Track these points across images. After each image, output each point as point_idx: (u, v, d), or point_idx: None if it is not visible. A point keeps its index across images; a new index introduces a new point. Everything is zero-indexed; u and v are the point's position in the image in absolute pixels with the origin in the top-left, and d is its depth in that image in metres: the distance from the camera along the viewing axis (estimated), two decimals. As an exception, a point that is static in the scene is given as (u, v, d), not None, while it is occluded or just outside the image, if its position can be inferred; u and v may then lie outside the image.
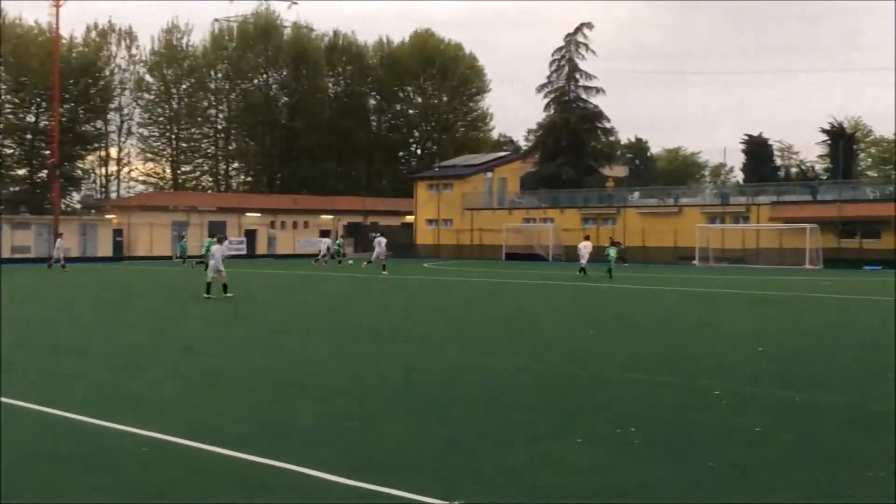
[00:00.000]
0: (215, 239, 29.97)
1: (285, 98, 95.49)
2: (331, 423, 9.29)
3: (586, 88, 80.00)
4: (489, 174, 76.13)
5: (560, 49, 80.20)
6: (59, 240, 47.13)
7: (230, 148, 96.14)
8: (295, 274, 44.02)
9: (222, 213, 73.75)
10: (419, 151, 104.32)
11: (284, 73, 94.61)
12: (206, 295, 25.86)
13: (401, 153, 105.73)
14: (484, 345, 15.94)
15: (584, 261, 40.74)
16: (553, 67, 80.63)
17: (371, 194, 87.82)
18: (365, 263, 45.46)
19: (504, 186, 76.29)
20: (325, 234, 72.10)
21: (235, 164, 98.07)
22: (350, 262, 53.34)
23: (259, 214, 75.66)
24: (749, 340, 16.50)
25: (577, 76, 79.91)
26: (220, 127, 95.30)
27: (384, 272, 40.83)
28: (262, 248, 74.41)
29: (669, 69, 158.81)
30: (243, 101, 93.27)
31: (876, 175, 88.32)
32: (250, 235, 73.84)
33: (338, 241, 57.79)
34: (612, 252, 40.14)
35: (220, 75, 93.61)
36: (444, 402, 10.46)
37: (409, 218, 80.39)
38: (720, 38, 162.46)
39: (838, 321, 20.95)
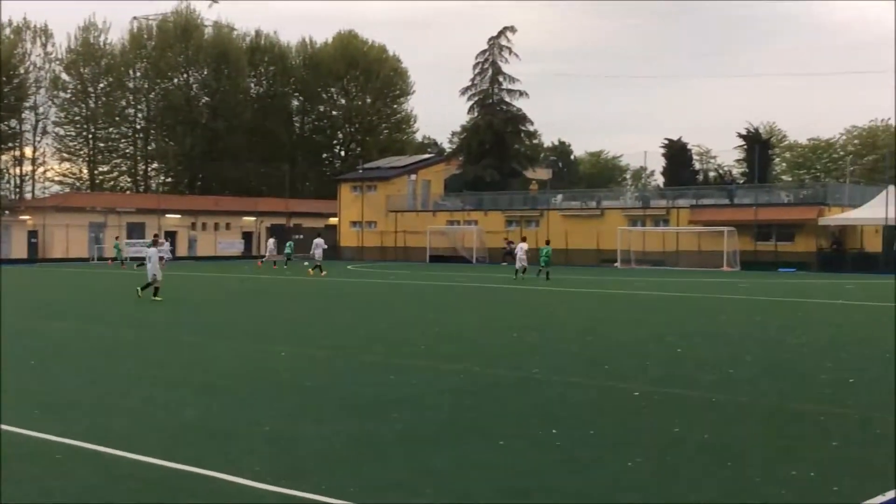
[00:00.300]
0: (150, 241, 29.52)
1: (206, 98, 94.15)
2: (248, 428, 9.16)
3: (510, 91, 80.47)
4: (413, 176, 76.11)
5: (483, 52, 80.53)
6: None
7: (149, 148, 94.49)
8: (235, 277, 43.39)
9: (141, 215, 72.46)
10: (343, 153, 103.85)
11: (205, 73, 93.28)
12: (153, 297, 25.80)
13: (324, 155, 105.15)
14: (408, 348, 15.88)
15: (520, 263, 41.37)
16: (476, 70, 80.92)
17: (294, 196, 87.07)
18: (311, 270, 43.99)
19: (428, 189, 76.35)
20: (274, 234, 70.57)
21: (155, 165, 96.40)
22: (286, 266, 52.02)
23: (179, 216, 74.47)
24: (669, 342, 16.74)
25: (501, 79, 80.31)
26: (138, 127, 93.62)
27: (322, 273, 41.77)
28: (182, 249, 73.25)
29: (592, 72, 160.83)
30: (163, 101, 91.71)
31: (790, 179, 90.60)
32: (171, 237, 72.61)
33: (289, 244, 55.61)
34: (547, 252, 41.07)
35: (138, 74, 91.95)
36: (367, 405, 10.41)
37: (333, 220, 79.93)
38: (642, 41, 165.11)
39: (753, 322, 21.39)
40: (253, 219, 77.88)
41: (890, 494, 6.94)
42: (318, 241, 44.07)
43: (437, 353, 14.97)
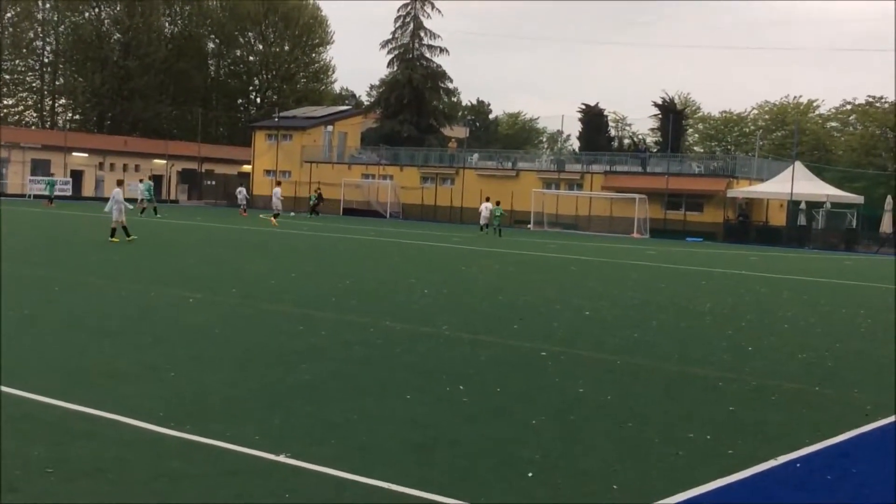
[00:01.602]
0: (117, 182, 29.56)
1: (118, 35, 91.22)
2: (152, 373, 9.01)
3: (430, 47, 80.00)
4: (330, 127, 75.33)
5: (406, 5, 79.78)
6: None
7: (57, 83, 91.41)
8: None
9: (47, 152, 70.22)
10: (259, 100, 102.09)
11: (118, 9, 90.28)
12: (110, 238, 26.06)
13: (239, 100, 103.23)
14: (318, 299, 15.79)
15: (484, 221, 45.74)
16: (398, 24, 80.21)
17: (207, 140, 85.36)
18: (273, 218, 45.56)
19: (344, 141, 75.67)
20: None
21: (63, 101, 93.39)
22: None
23: (87, 155, 72.38)
24: (576, 304, 16.99)
25: (422, 34, 79.78)
26: (46, 60, 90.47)
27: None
28: (89, 189, 71.33)
29: (513, 34, 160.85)
30: (73, 35, 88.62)
31: (701, 151, 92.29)
32: (77, 176, 70.63)
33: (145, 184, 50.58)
34: (499, 211, 45.25)
35: (48, 6, 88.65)
36: (274, 354, 10.33)
37: (246, 167, 78.70)
38: (568, 6, 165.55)
39: (658, 288, 21.82)
40: (164, 162, 76.16)
41: (782, 459, 7.17)
42: (242, 189, 45.54)
43: (346, 306, 14.91)
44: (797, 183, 52.57)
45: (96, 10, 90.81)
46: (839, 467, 7.14)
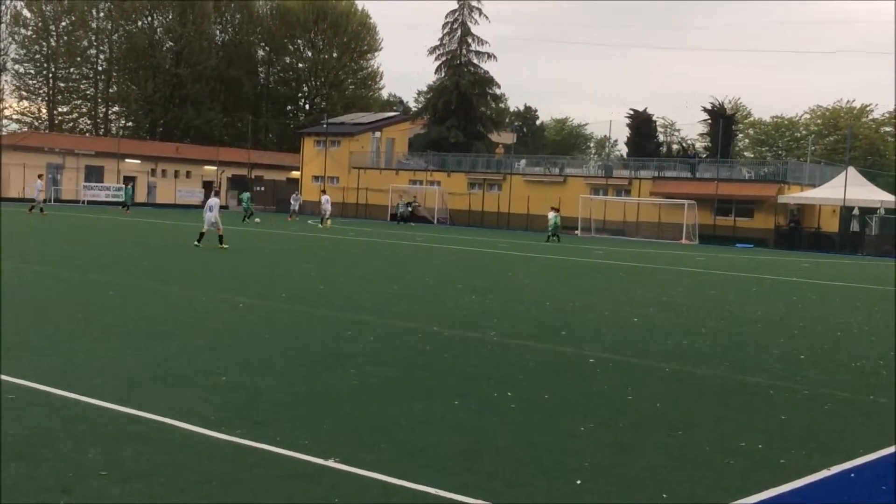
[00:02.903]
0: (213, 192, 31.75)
1: (170, 43, 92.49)
2: (203, 377, 9.11)
3: (478, 53, 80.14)
4: (378, 134, 75.68)
5: (453, 12, 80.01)
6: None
7: (111, 91, 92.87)
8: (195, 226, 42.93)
9: (100, 158, 71.36)
10: (307, 107, 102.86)
11: (170, 17, 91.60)
12: (196, 243, 27.02)
13: (289, 107, 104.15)
14: (367, 304, 15.84)
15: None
16: (446, 30, 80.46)
17: (256, 147, 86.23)
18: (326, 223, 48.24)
19: (392, 147, 75.99)
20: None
21: (116, 108, 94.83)
22: (258, 220, 51.48)
23: (139, 161, 73.47)
24: (625, 311, 16.88)
25: (470, 40, 79.93)
26: (100, 68, 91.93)
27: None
28: (141, 196, 72.35)
29: (561, 39, 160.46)
30: (126, 43, 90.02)
31: (752, 156, 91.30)
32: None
33: (243, 196, 55.01)
34: (555, 219, 46.14)
35: (102, 14, 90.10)
36: (323, 359, 10.39)
37: (295, 173, 79.33)
38: (615, 10, 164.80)
39: (708, 295, 21.60)
40: (214, 168, 77.05)
41: (835, 469, 7.07)
42: (326, 196, 50.70)
43: (395, 311, 14.96)
44: (850, 188, 51.76)
45: (149, 18, 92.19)
46: (893, 477, 7.01)
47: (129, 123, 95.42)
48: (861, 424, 8.72)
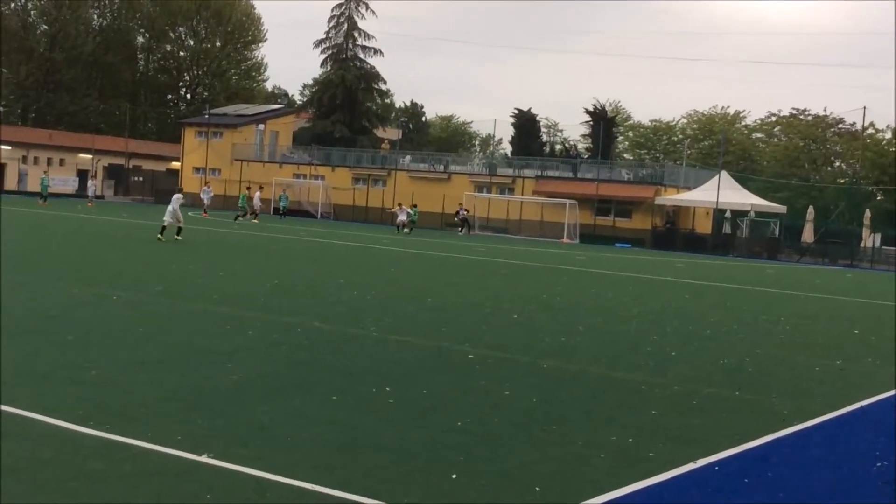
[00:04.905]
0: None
1: (45, 26, 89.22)
2: (73, 372, 8.83)
3: (364, 48, 79.82)
4: (261, 126, 74.63)
5: (340, 5, 79.48)
6: None
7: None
8: (67, 216, 41.44)
9: (-33, 144, 68.32)
10: (189, 96, 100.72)
11: (45, 0, 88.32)
12: (158, 236, 27.99)
13: (169, 96, 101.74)
14: (246, 299, 15.62)
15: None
16: (332, 24, 79.86)
17: (135, 136, 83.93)
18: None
19: (276, 140, 75.03)
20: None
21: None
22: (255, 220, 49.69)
23: (10, 147, 70.58)
24: (505, 308, 17.08)
25: (356, 35, 79.55)
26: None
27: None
28: (11, 183, 69.58)
29: (447, 38, 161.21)
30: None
31: (631, 158, 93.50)
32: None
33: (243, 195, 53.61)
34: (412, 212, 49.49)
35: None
36: (200, 354, 10.20)
37: (175, 164, 77.56)
38: (503, 13, 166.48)
39: (587, 293, 22.06)
40: (89, 156, 74.63)
41: (701, 462, 7.31)
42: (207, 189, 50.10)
43: (274, 306, 14.80)
44: (723, 192, 53.59)
45: (22, 1, 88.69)
46: (756, 471, 7.30)
47: (0, 108, 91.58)
48: (727, 420, 9.04)
